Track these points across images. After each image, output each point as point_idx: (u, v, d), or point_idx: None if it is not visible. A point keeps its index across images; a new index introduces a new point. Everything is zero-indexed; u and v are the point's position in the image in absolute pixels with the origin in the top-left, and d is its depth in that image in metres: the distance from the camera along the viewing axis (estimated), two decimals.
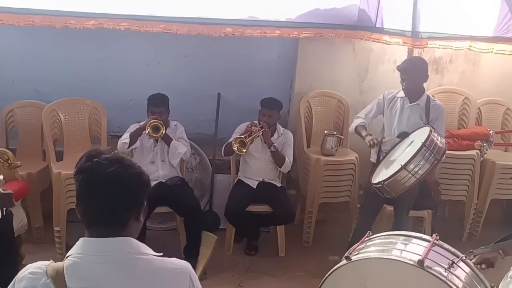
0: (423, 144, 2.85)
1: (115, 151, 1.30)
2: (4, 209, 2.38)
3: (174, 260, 1.29)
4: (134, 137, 3.46)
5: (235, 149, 3.50)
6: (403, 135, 3.28)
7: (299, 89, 4.11)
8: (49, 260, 1.26)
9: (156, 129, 3.37)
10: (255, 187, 3.68)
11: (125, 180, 1.23)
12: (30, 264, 1.26)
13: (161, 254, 1.28)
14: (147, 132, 3.38)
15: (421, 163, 2.85)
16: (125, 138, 3.46)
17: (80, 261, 1.21)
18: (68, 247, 1.27)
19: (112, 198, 1.23)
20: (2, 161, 3.10)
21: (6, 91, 4.02)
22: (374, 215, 3.42)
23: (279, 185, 3.78)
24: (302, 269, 3.51)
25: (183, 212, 3.49)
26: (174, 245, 3.53)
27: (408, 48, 3.74)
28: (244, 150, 3.50)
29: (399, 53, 3.89)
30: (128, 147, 3.46)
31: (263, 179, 3.71)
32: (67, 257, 1.24)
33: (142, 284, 1.21)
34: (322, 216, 3.95)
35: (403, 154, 3.07)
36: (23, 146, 3.88)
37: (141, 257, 1.24)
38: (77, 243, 1.26)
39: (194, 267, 3.40)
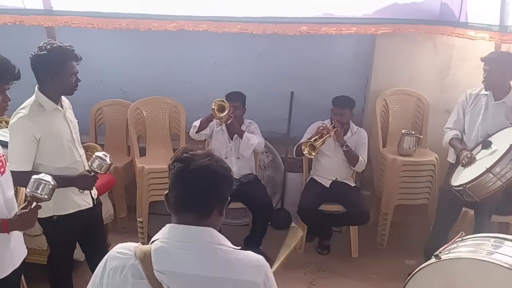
0: (511, 146, 2.67)
1: (207, 148, 1.38)
2: (95, 198, 2.56)
3: (250, 253, 1.33)
4: (204, 123, 3.57)
5: (306, 153, 3.49)
6: (486, 144, 3.05)
7: (375, 87, 4.01)
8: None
9: (221, 108, 3.41)
10: (328, 186, 3.65)
11: (216, 172, 1.31)
12: (119, 244, 1.35)
13: (239, 247, 1.33)
14: (213, 111, 3.37)
15: (508, 166, 2.66)
16: (196, 123, 3.60)
17: (166, 246, 1.28)
18: (150, 238, 1.35)
19: (203, 186, 1.30)
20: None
21: (95, 91, 4.31)
22: (452, 219, 3.24)
23: (352, 184, 3.73)
24: (376, 271, 3.42)
25: (256, 208, 3.57)
26: None
27: (495, 43, 3.49)
28: (314, 154, 3.50)
29: (484, 49, 3.63)
30: (197, 132, 3.57)
31: (336, 178, 3.67)
32: (153, 241, 1.31)
33: (220, 272, 1.26)
34: (397, 218, 3.82)
35: (487, 155, 2.88)
36: (110, 141, 4.18)
37: (220, 247, 1.29)
38: (163, 228, 1.33)
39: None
